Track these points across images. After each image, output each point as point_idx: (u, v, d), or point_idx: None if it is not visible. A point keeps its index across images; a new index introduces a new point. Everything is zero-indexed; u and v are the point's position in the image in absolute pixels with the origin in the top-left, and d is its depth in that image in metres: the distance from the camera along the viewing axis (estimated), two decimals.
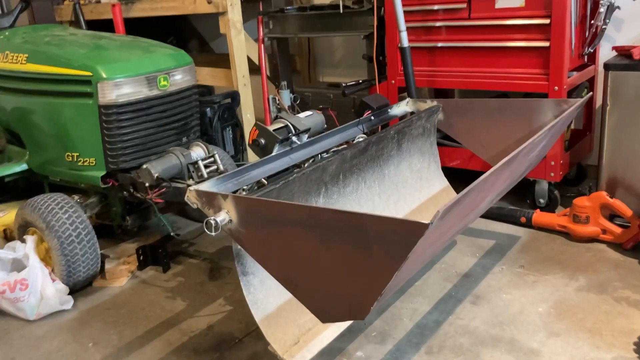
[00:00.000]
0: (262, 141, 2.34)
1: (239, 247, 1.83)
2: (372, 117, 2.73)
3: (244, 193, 2.32)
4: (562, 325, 2.23)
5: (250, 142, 2.38)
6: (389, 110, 2.83)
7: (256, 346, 2.26)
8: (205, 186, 1.94)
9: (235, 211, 1.70)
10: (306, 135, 2.45)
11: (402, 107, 2.89)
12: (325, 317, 1.68)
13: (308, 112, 2.66)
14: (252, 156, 2.37)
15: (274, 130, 2.36)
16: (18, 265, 2.65)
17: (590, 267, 2.62)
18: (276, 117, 2.51)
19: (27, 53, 2.87)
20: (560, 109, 2.55)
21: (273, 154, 2.28)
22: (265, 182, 2.17)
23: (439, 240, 1.76)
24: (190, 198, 1.85)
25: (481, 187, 1.69)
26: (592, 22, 3.11)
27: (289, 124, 2.44)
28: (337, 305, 1.62)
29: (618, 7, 3.12)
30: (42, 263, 2.60)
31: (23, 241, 2.69)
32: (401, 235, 1.37)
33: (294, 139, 2.38)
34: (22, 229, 2.81)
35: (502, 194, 2.33)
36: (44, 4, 4.72)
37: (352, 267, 1.51)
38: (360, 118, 2.67)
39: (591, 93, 2.61)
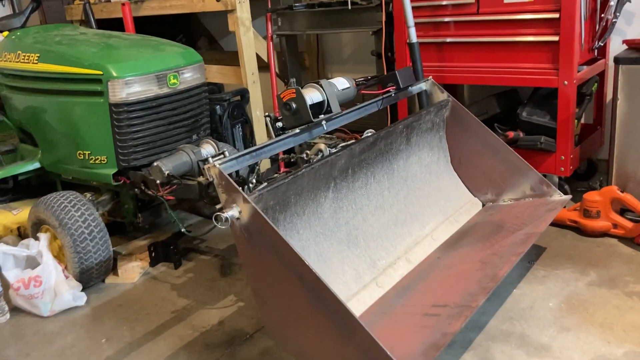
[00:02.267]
0: (294, 106, 2.22)
1: None
2: (392, 94, 2.68)
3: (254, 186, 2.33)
4: (573, 320, 2.22)
5: (284, 100, 2.24)
6: (410, 86, 2.81)
7: (267, 341, 2.27)
8: (228, 166, 1.90)
9: (247, 217, 1.71)
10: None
11: (420, 84, 2.87)
12: (278, 337, 1.75)
13: (345, 83, 2.51)
14: (280, 112, 2.29)
15: (310, 105, 2.23)
16: (32, 263, 2.68)
17: (601, 261, 2.60)
18: (316, 82, 2.34)
19: (38, 53, 2.90)
20: (539, 187, 2.69)
21: (297, 130, 2.23)
22: (277, 175, 2.15)
23: None
24: (210, 171, 1.82)
25: None
26: (602, 15, 3.09)
27: (326, 101, 2.31)
28: (295, 345, 1.70)
29: (629, 0, 3.09)
30: (55, 260, 2.63)
31: (36, 239, 2.72)
32: None
33: (324, 122, 2.29)
34: (35, 227, 2.84)
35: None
36: (54, 4, 4.76)
37: (326, 339, 1.57)
38: (383, 97, 2.63)
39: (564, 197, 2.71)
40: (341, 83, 2.50)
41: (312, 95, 2.28)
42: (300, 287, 1.61)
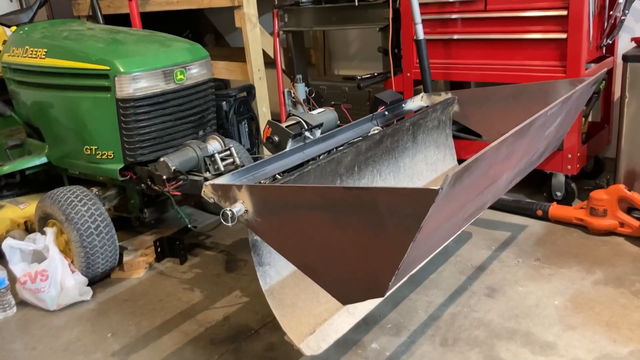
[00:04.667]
0: (276, 138, 2.36)
1: (256, 237, 1.84)
2: (386, 112, 2.72)
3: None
4: (579, 318, 2.22)
5: (265, 139, 2.40)
6: (403, 105, 2.82)
7: (272, 337, 2.28)
8: (220, 181, 1.96)
9: (250, 201, 1.72)
10: (319, 131, 2.46)
11: (416, 102, 2.88)
12: (346, 298, 1.67)
13: (320, 110, 2.68)
14: (267, 149, 2.43)
15: (286, 127, 2.38)
16: (38, 257, 2.70)
17: (608, 260, 2.60)
18: (289, 115, 2.52)
19: (46, 48, 2.91)
20: (571, 88, 2.49)
21: (287, 149, 2.29)
22: (280, 177, 2.18)
23: (455, 215, 1.73)
24: (207, 193, 1.87)
25: (493, 156, 1.64)
26: (611, 12, 3.07)
27: (302, 120, 2.46)
28: (356, 285, 1.61)
29: None
30: (61, 255, 2.64)
31: (43, 233, 2.73)
32: (412, 205, 1.33)
33: (307, 134, 2.39)
34: (42, 221, 2.86)
35: (521, 173, 2.25)
36: None
37: (367, 244, 1.50)
38: (374, 113, 2.67)
39: (605, 70, 2.56)
40: (316, 111, 2.65)
41: (287, 123, 2.43)
42: (318, 214, 1.56)
